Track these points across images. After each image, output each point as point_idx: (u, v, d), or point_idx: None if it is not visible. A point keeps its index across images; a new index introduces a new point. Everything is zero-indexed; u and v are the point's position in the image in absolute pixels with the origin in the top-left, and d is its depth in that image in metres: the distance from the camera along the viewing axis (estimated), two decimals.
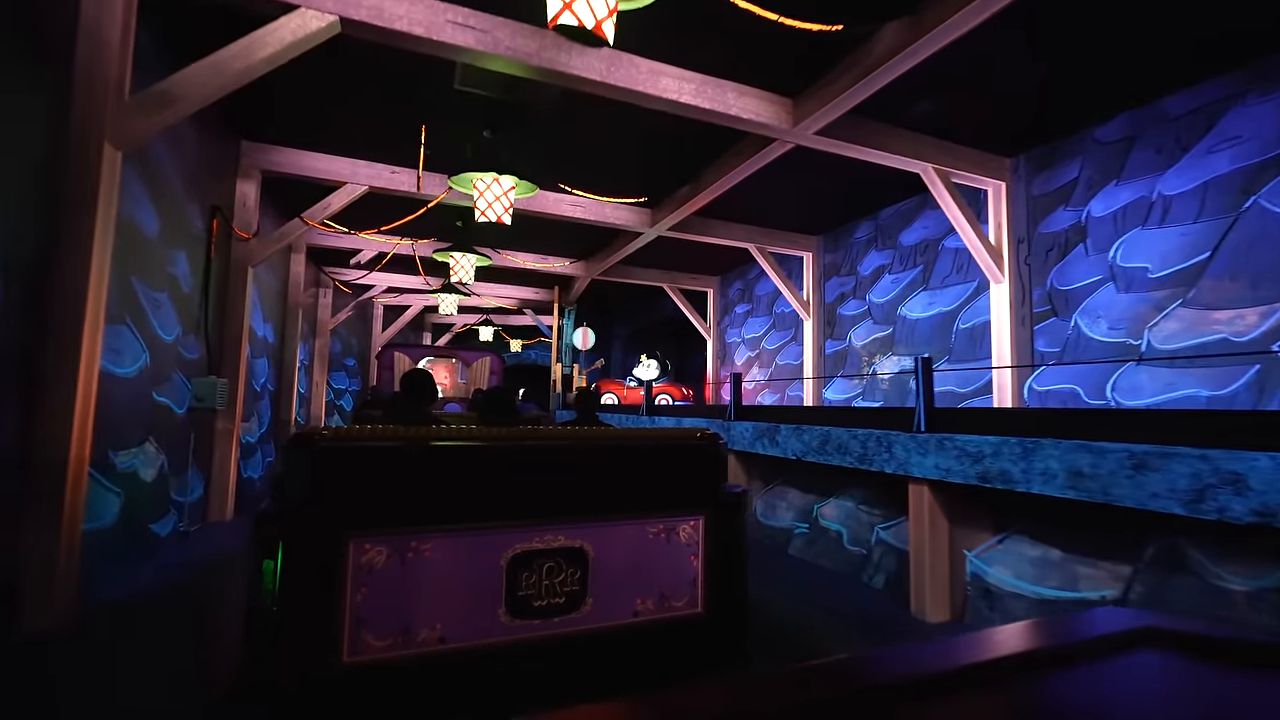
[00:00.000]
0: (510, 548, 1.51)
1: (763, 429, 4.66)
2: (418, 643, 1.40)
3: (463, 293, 10.38)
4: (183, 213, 4.43)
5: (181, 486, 4.61)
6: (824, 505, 4.36)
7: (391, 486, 1.44)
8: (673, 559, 1.68)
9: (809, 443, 4.11)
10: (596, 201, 7.03)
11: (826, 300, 8.09)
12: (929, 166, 5.28)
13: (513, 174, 4.99)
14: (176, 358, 4.42)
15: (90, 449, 2.95)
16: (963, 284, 6.10)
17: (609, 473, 1.68)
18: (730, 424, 5.15)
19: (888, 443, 3.45)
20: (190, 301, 4.65)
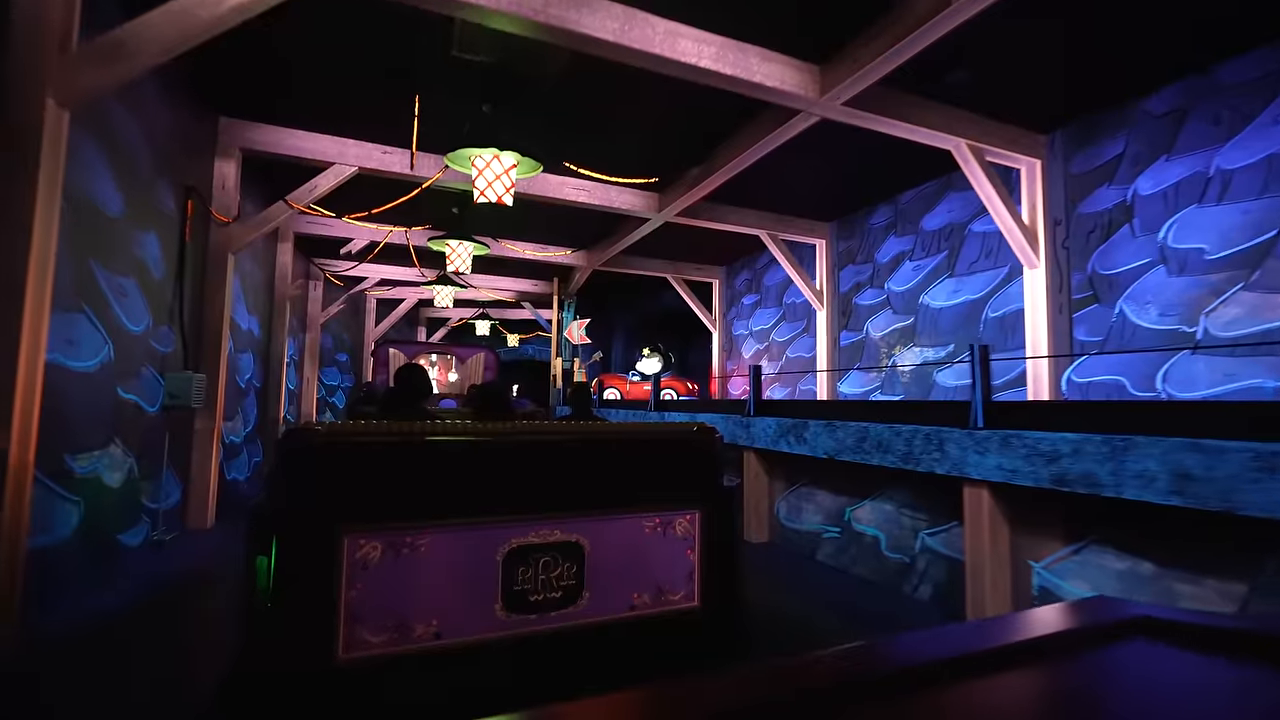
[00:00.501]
0: (506, 542, 1.49)
1: (787, 425, 4.30)
2: (414, 638, 1.38)
3: (459, 284, 9.99)
4: (151, 191, 4.03)
5: (155, 492, 4.22)
6: (858, 508, 4.01)
7: (386, 482, 1.42)
8: (669, 553, 1.68)
9: (843, 440, 3.75)
10: (602, 185, 6.64)
11: (841, 290, 7.74)
12: (961, 142, 4.92)
13: (514, 151, 4.60)
14: (147, 351, 4.02)
15: (36, 453, 2.56)
16: (992, 270, 5.75)
17: (605, 467, 1.67)
18: (750, 420, 4.79)
19: (939, 440, 3.10)
20: (162, 289, 4.25)
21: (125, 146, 3.68)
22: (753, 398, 4.95)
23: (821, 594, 3.71)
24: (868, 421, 3.62)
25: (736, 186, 6.31)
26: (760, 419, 4.67)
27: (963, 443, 2.98)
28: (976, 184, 5.05)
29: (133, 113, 3.76)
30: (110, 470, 3.56)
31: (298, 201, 5.44)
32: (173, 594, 3.52)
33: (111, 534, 3.63)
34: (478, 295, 12.48)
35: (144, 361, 3.98)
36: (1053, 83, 4.64)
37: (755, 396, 4.96)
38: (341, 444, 1.41)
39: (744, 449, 4.95)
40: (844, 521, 4.10)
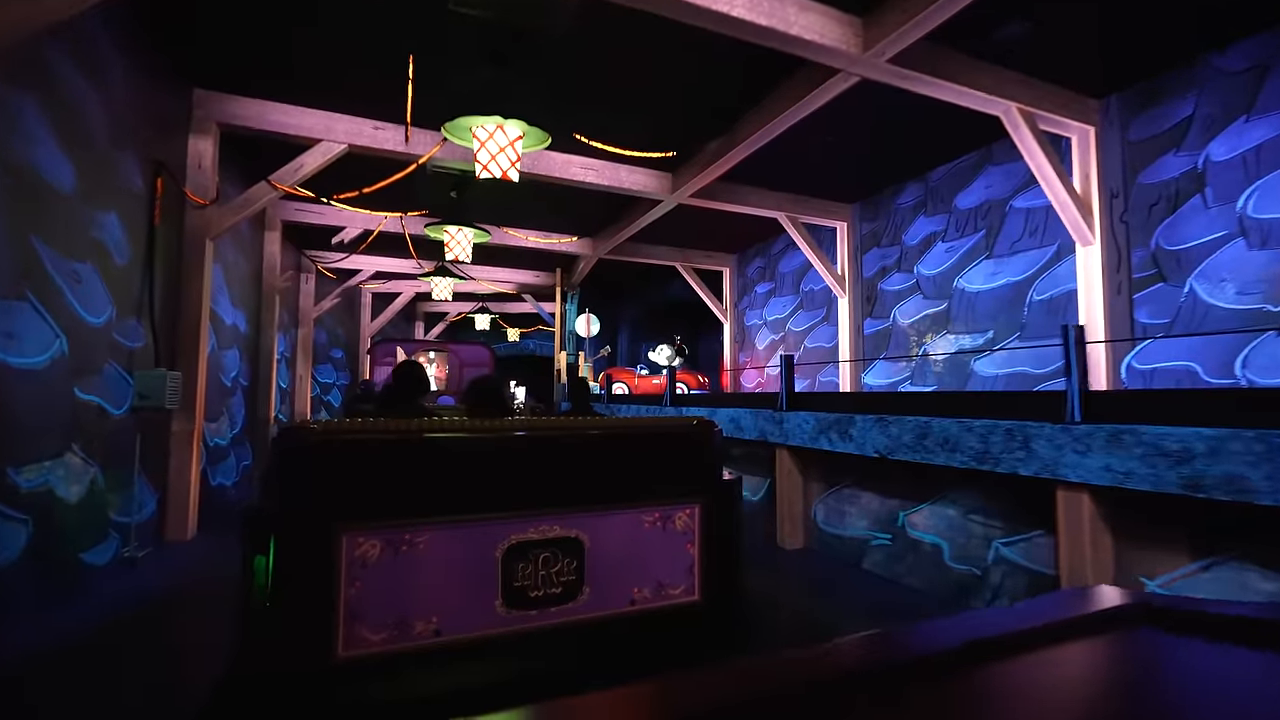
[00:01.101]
0: (505, 539, 1.48)
1: (828, 421, 3.87)
2: (413, 636, 1.38)
3: (458, 275, 9.53)
4: (110, 165, 3.56)
5: (125, 504, 3.78)
6: (914, 512, 3.59)
7: (383, 479, 1.41)
8: (669, 547, 1.66)
9: (898, 437, 3.32)
10: (611, 164, 6.18)
11: (865, 275, 7.29)
12: (1012, 106, 4.46)
13: (520, 120, 4.14)
14: (110, 346, 3.57)
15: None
16: (1038, 249, 5.31)
17: (604, 462, 1.66)
18: (784, 415, 4.36)
19: (1024, 437, 2.66)
20: (128, 277, 3.79)
21: (78, 114, 3.22)
22: (785, 391, 4.51)
23: (869, 605, 3.29)
24: (928, 416, 3.19)
25: (754, 165, 5.86)
26: (795, 414, 4.24)
27: (1056, 439, 2.54)
28: (1027, 153, 4.60)
29: (89, 79, 3.30)
30: (67, 482, 3.12)
31: (282, 182, 4.97)
32: (141, 616, 3.09)
33: (71, 553, 3.19)
34: (477, 288, 12.02)
35: (107, 358, 3.53)
36: (1109, 40, 4.20)
37: (788, 390, 4.52)
38: (338, 442, 1.39)
39: (776, 446, 4.52)
40: (896, 527, 3.67)
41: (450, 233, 6.78)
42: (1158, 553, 2.44)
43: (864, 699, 0.52)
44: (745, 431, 4.79)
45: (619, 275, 11.61)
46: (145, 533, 4.07)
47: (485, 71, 4.24)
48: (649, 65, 4.49)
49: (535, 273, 11.53)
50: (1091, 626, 0.67)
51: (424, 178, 6.22)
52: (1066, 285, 5.01)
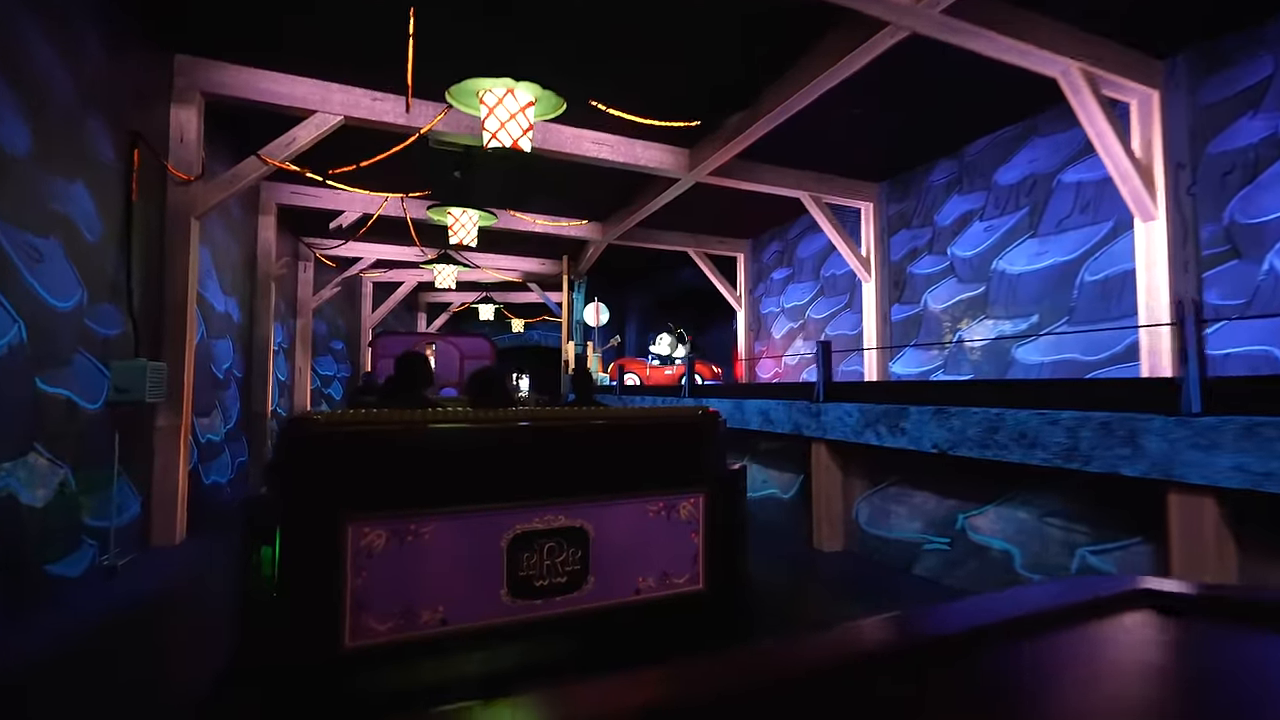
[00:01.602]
0: (510, 529, 1.48)
1: (876, 414, 3.50)
2: (420, 624, 1.38)
3: (461, 263, 9.15)
4: (76, 131, 3.19)
5: (102, 507, 3.44)
6: (976, 514, 3.22)
7: (388, 470, 1.41)
8: (673, 536, 1.67)
9: (961, 431, 2.95)
10: (626, 140, 5.79)
11: (892, 258, 6.90)
12: (1072, 66, 4.06)
13: (532, 83, 3.75)
14: (80, 333, 3.22)
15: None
16: (1090, 226, 4.92)
17: (608, 452, 1.66)
18: (821, 407, 3.99)
19: (1128, 431, 2.30)
20: (100, 257, 3.43)
21: (38, 76, 2.84)
22: (822, 380, 4.14)
23: None
24: (1001, 407, 2.82)
25: (775, 142, 5.48)
26: (835, 405, 3.87)
27: (1171, 434, 2.17)
28: (1086, 119, 4.20)
29: (48, 36, 2.92)
30: (29, 486, 2.77)
31: (272, 157, 4.59)
32: (117, 630, 2.77)
33: (35, 564, 2.85)
34: (481, 276, 11.64)
35: (76, 346, 3.17)
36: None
37: (825, 379, 4.15)
38: (343, 433, 1.40)
39: (811, 441, 4.16)
40: (955, 530, 3.32)
41: (454, 215, 6.39)
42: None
43: (865, 684, 0.53)
44: (776, 425, 4.43)
45: (628, 262, 11.22)
46: (127, 538, 3.74)
47: (492, 32, 3.85)
48: (670, 27, 4.09)
49: (541, 260, 11.14)
50: (1090, 611, 0.68)
51: (426, 154, 5.84)
52: (1123, 265, 4.62)
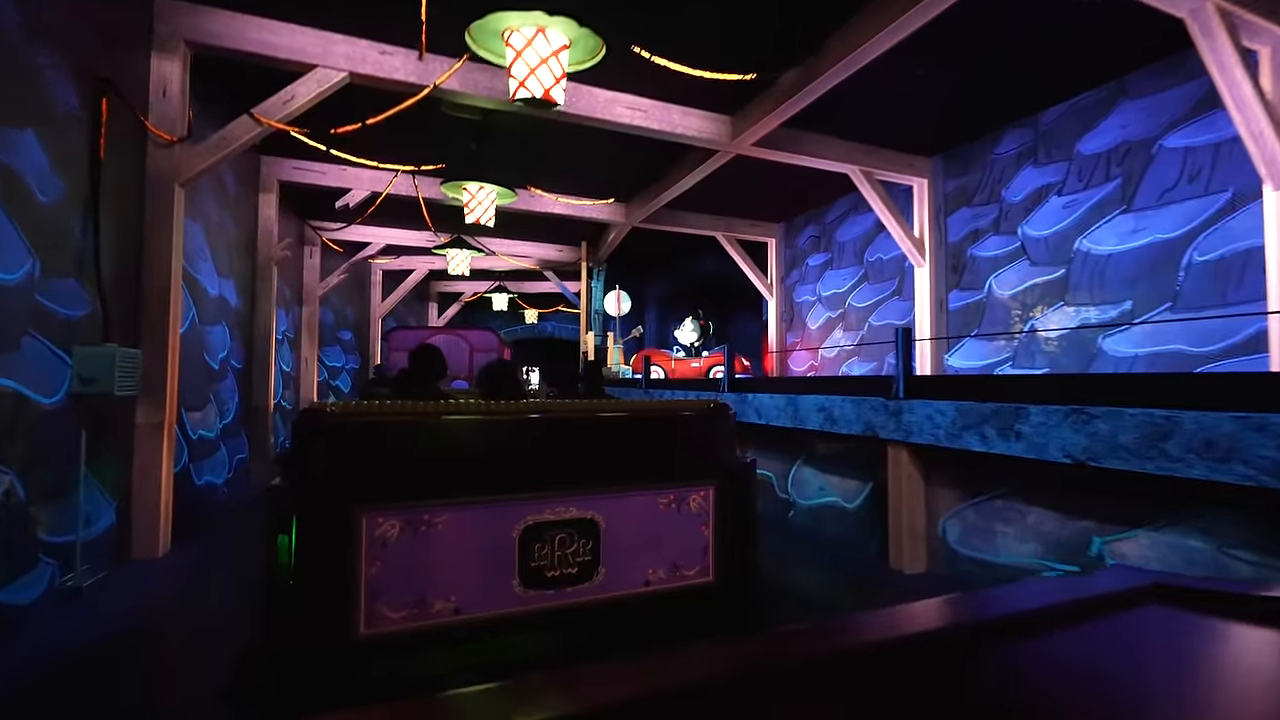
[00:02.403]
0: (522, 519, 1.49)
1: (980, 413, 2.91)
2: (433, 614, 1.40)
3: (476, 248, 8.61)
4: (23, 68, 2.65)
5: (64, 519, 2.92)
6: (1120, 539, 2.63)
7: (402, 461, 1.43)
8: (683, 528, 1.68)
9: (1110, 437, 2.36)
10: (662, 105, 5.20)
11: (949, 239, 6.27)
12: (1205, 2, 3.42)
13: (568, 19, 3.17)
14: (31, 312, 2.69)
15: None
16: (1201, 197, 4.27)
17: (619, 444, 1.67)
18: (902, 404, 3.40)
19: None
20: (58, 222, 2.90)
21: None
22: (902, 374, 3.55)
23: None
24: (1169, 408, 2.22)
25: (823, 109, 4.91)
26: (922, 403, 3.28)
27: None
28: (1218, 68, 3.56)
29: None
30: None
31: (268, 116, 4.04)
32: (77, 666, 2.26)
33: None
34: (495, 264, 11.10)
35: (26, 327, 2.64)
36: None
37: (905, 372, 3.56)
38: (357, 424, 1.39)
39: (888, 444, 3.57)
40: (1089, 557, 2.72)
41: (470, 191, 5.85)
42: None
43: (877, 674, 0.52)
44: (841, 424, 3.84)
45: (649, 248, 10.63)
46: (98, 552, 3.23)
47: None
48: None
49: (559, 247, 10.58)
50: (1100, 605, 0.67)
51: (439, 124, 5.28)
52: (1246, 241, 3.98)
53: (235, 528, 4.55)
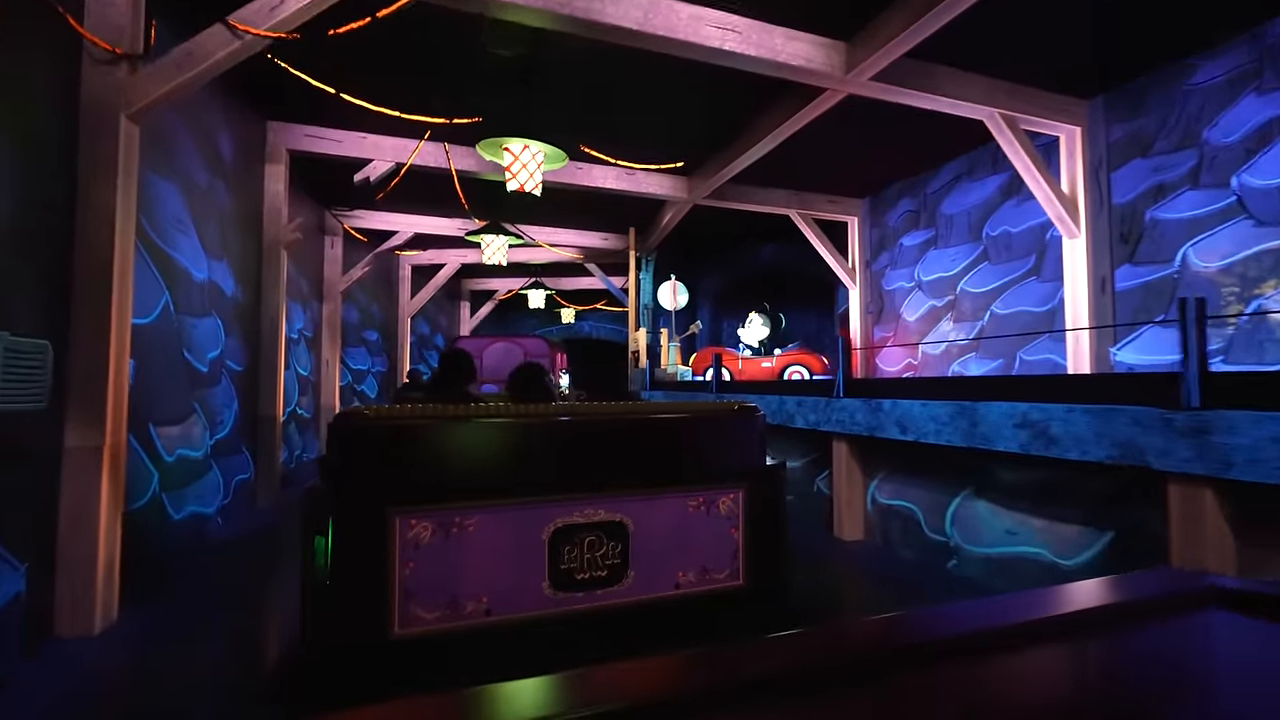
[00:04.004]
0: (552, 522, 1.49)
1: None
2: (465, 615, 1.41)
3: (514, 235, 7.55)
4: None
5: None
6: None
7: (435, 464, 1.44)
8: (713, 532, 1.66)
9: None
10: (761, 26, 4.02)
11: (1115, 200, 4.93)
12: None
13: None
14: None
15: None
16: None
17: (648, 447, 1.66)
18: (1201, 418, 2.14)
19: None
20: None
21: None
22: (1196, 374, 2.28)
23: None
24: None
25: (956, 36, 3.70)
26: (1248, 416, 2.01)
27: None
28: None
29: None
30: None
31: (249, 24, 2.98)
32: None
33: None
34: (532, 256, 10.06)
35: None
36: None
37: (1201, 370, 2.29)
38: (390, 427, 1.41)
39: (1167, 477, 2.31)
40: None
41: (513, 151, 4.75)
42: None
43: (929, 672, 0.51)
44: (1067, 446, 2.59)
45: (703, 234, 9.45)
46: (7, 631, 2.18)
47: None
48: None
49: (604, 235, 9.48)
50: (1157, 608, 0.65)
51: (475, 64, 4.20)
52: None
53: (227, 571, 3.52)
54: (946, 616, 0.63)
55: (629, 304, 9.18)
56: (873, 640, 0.56)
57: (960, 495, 3.46)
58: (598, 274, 10.38)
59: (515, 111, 4.75)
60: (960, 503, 3.45)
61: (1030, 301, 5.63)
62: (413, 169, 5.96)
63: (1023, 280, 5.72)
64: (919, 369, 6.95)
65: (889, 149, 6.41)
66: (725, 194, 7.06)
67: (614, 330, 14.95)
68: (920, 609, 0.64)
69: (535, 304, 12.38)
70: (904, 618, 0.62)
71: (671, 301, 8.63)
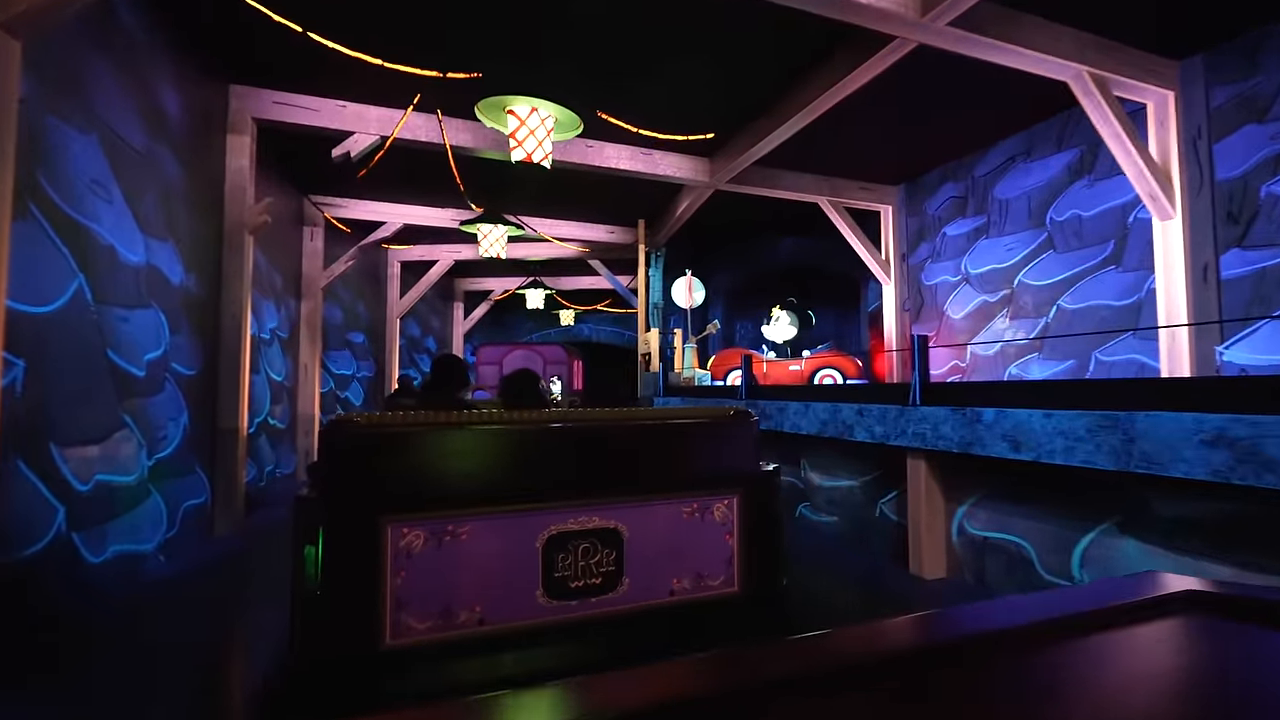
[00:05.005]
0: (545, 529, 1.49)
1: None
2: (458, 624, 1.40)
3: (514, 225, 6.81)
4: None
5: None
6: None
7: (427, 471, 1.45)
8: (708, 538, 1.67)
9: None
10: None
11: (1219, 176, 4.25)
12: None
13: None
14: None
15: None
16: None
17: (641, 453, 1.66)
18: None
19: None
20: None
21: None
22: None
23: None
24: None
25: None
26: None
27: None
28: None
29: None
30: None
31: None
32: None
33: None
34: (530, 252, 9.32)
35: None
36: None
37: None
38: (382, 434, 1.41)
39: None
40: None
41: (518, 114, 4.03)
42: None
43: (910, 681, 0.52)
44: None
45: (715, 226, 8.74)
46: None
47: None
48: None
49: (610, 227, 8.75)
50: (1135, 612, 0.66)
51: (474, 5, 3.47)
52: None
53: (167, 623, 2.77)
54: (924, 625, 0.63)
55: (639, 303, 8.45)
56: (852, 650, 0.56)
57: (1096, 530, 2.73)
58: (603, 271, 9.64)
59: (521, 69, 4.02)
60: (1096, 540, 2.72)
61: (1108, 294, 4.94)
62: (401, 147, 5.21)
63: (1098, 270, 5.03)
64: (967, 372, 6.25)
65: (931, 129, 5.75)
66: (750, 179, 6.36)
67: (614, 333, 14.25)
68: (888, 620, 0.62)
69: (534, 304, 11.61)
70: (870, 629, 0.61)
71: (686, 299, 7.90)
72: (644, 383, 7.83)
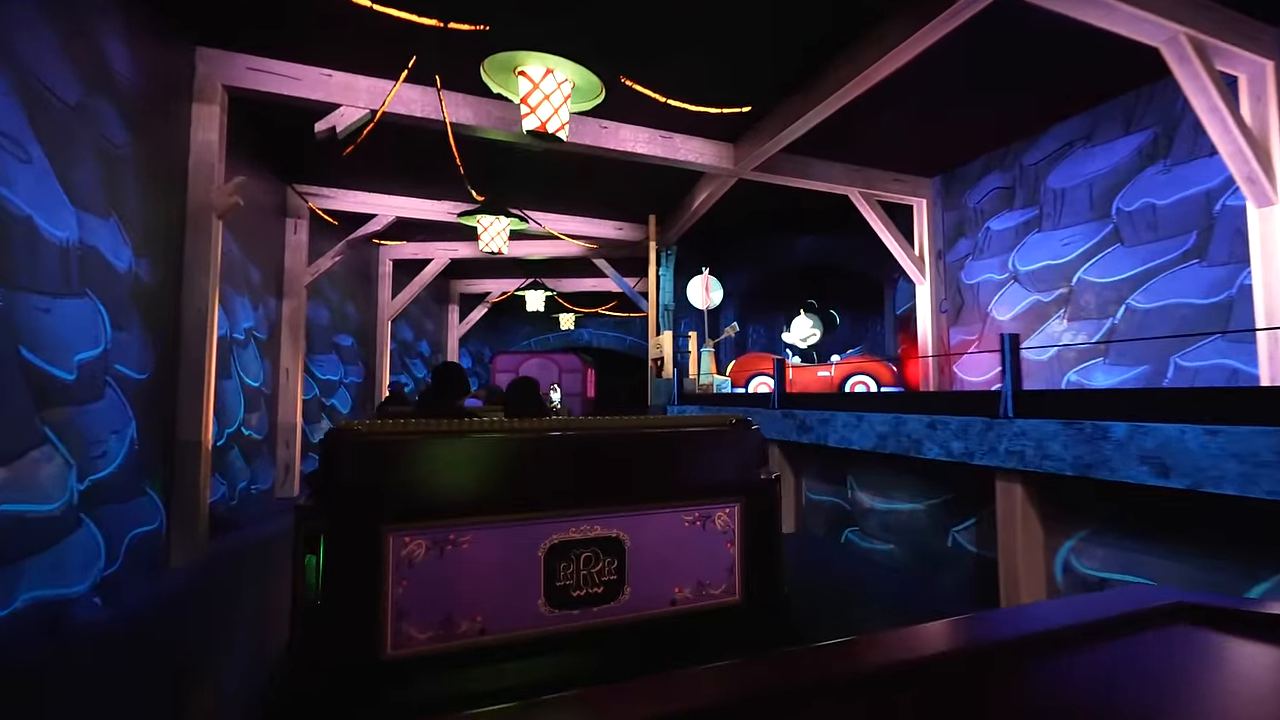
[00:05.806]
0: (547, 538, 1.47)
1: None
2: (459, 634, 1.37)
3: (517, 217, 6.22)
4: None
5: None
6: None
7: (428, 480, 1.42)
8: (709, 547, 1.65)
9: None
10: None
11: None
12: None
13: None
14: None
15: None
16: None
17: (643, 462, 1.64)
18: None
19: None
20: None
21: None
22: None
23: None
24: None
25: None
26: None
27: None
28: None
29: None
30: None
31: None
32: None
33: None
34: (531, 250, 8.73)
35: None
36: None
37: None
38: (385, 443, 1.38)
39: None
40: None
41: (532, 76, 3.45)
42: None
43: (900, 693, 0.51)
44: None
45: (727, 224, 8.18)
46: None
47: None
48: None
49: (618, 224, 8.19)
50: (1125, 624, 0.65)
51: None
52: None
53: (95, 686, 2.16)
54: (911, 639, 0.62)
55: (649, 304, 7.87)
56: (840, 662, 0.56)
57: (1273, 580, 2.15)
58: (609, 271, 9.06)
59: (533, 22, 3.44)
60: (1274, 590, 2.15)
61: (1190, 291, 4.40)
62: (394, 124, 4.62)
63: (1177, 265, 4.49)
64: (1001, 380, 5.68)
65: (973, 115, 5.23)
66: (778, 167, 5.82)
67: (615, 338, 13.66)
68: (884, 633, 0.61)
69: (534, 306, 11.01)
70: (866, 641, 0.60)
71: (704, 299, 7.32)
72: (656, 390, 7.24)
